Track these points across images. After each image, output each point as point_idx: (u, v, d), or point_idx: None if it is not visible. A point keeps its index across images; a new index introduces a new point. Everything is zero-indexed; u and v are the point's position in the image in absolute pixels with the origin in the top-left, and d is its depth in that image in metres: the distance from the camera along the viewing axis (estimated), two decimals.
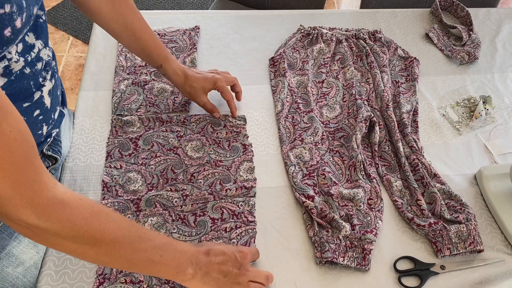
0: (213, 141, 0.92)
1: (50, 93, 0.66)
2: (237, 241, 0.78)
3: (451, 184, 0.89)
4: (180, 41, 1.11)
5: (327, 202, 0.84)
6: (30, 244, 0.80)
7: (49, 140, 0.73)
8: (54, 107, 0.69)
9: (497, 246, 0.82)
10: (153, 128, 0.93)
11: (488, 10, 1.31)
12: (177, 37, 1.12)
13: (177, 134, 0.92)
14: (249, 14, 1.23)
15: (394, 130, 0.94)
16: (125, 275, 0.73)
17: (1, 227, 0.73)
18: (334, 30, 1.16)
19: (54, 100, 0.68)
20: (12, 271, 0.79)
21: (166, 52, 0.89)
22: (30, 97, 0.61)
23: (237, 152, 0.91)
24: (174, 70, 0.90)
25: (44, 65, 0.64)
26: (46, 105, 0.65)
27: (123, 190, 0.83)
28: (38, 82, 0.63)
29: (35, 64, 0.61)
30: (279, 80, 1.04)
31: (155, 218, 0.80)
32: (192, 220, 0.80)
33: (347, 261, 0.76)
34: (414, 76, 1.07)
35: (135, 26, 0.84)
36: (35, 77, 0.62)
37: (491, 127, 1.01)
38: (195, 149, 0.90)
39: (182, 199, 0.82)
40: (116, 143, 0.90)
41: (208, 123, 0.94)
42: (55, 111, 0.71)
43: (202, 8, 2.61)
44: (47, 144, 0.74)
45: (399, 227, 0.83)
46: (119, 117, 0.93)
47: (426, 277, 0.76)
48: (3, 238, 0.74)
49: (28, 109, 0.61)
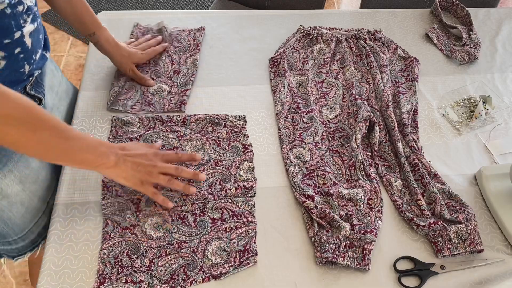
0: (213, 141, 0.92)
1: (32, 35, 0.73)
2: (237, 242, 0.78)
3: (451, 184, 0.89)
4: (184, 41, 1.11)
5: (327, 202, 0.84)
6: (16, 180, 0.79)
7: (32, 79, 0.78)
8: (35, 48, 0.75)
9: (497, 246, 0.82)
10: (153, 128, 0.93)
11: (488, 10, 1.31)
12: (181, 37, 1.12)
13: (177, 134, 0.92)
14: (249, 14, 1.23)
15: (394, 130, 0.94)
16: (125, 275, 0.74)
17: None
18: (334, 30, 1.16)
19: (35, 42, 0.74)
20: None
21: (99, 21, 0.95)
22: (11, 35, 0.68)
23: (237, 152, 0.91)
24: (106, 38, 0.96)
25: (26, 8, 0.71)
26: (27, 45, 0.72)
27: (123, 190, 0.83)
28: (19, 23, 0.70)
29: (16, 7, 0.68)
30: (279, 80, 1.04)
31: (155, 218, 0.80)
32: (192, 220, 0.80)
33: (347, 261, 0.76)
34: (414, 76, 1.07)
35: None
36: (16, 18, 0.69)
37: (491, 127, 1.01)
38: (195, 149, 0.90)
39: (182, 199, 0.82)
40: (116, 143, 0.90)
41: (208, 123, 0.94)
42: (37, 53, 0.77)
43: (202, 8, 2.61)
44: (29, 83, 0.79)
45: (399, 227, 0.83)
46: (119, 117, 0.93)
47: (426, 277, 0.76)
48: None
49: (9, 45, 0.68)
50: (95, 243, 0.77)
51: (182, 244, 0.78)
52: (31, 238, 0.88)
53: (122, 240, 0.77)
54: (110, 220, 0.79)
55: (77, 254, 0.76)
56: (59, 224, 0.79)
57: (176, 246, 0.78)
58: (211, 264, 0.76)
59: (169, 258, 0.76)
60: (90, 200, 0.83)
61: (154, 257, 0.76)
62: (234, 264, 0.76)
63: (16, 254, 0.89)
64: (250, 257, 0.77)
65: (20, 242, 0.87)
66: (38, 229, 0.88)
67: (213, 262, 0.76)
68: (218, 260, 0.76)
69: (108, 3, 1.74)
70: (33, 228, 0.87)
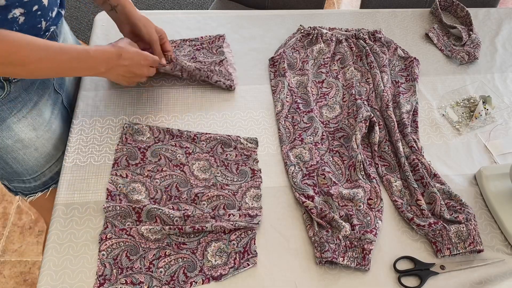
0: (221, 163, 0.90)
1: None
2: (237, 243, 0.78)
3: (451, 184, 0.89)
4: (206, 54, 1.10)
5: (327, 202, 0.84)
6: (29, 126, 0.87)
7: (47, 34, 0.84)
8: (51, 6, 0.81)
9: (497, 246, 0.82)
10: (162, 141, 0.92)
11: (488, 10, 1.31)
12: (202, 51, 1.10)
13: (185, 150, 0.91)
14: (249, 14, 1.23)
15: (394, 130, 0.94)
16: (125, 276, 0.74)
17: (2, 99, 0.81)
18: (334, 30, 1.16)
19: (51, 0, 0.80)
20: (12, 144, 0.86)
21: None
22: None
23: (245, 177, 0.88)
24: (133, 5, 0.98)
25: None
26: (44, 3, 0.77)
27: (127, 200, 0.83)
28: None
29: None
30: (279, 80, 1.04)
31: (154, 225, 0.79)
32: (190, 231, 0.79)
33: (347, 261, 0.76)
34: (414, 76, 1.07)
35: None
36: None
37: (491, 127, 1.01)
38: (202, 170, 0.88)
39: (183, 219, 0.79)
40: (124, 150, 0.89)
41: (218, 143, 0.92)
42: (53, 10, 0.82)
43: (202, 8, 2.61)
44: (45, 38, 0.84)
45: (399, 227, 0.83)
46: (131, 125, 0.93)
47: (426, 277, 0.76)
48: (3, 110, 0.82)
49: (28, 3, 0.74)
50: (95, 243, 0.77)
51: (181, 245, 0.78)
52: (43, 180, 0.97)
53: (120, 241, 0.77)
54: (110, 223, 0.79)
55: (77, 254, 0.76)
56: (59, 224, 0.79)
57: (175, 248, 0.78)
58: (211, 265, 0.76)
59: (168, 259, 0.76)
60: (90, 200, 0.83)
61: (154, 258, 0.76)
62: (234, 266, 0.76)
63: (28, 193, 0.98)
64: (250, 258, 0.77)
65: (33, 182, 0.96)
66: (51, 173, 0.97)
67: (213, 264, 0.76)
68: (218, 262, 0.76)
69: None
70: (46, 171, 0.95)
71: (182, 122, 0.96)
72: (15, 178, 0.94)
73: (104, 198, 0.83)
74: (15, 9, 0.72)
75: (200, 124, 0.96)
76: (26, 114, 0.85)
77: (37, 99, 0.87)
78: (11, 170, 0.91)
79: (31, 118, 0.86)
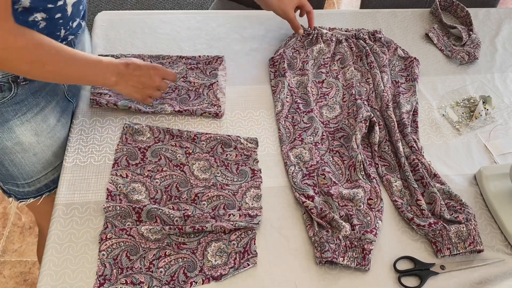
0: (222, 163, 0.89)
1: (74, 5, 0.81)
2: (237, 243, 0.78)
3: (451, 184, 0.89)
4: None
5: (327, 202, 0.84)
6: (31, 131, 0.86)
7: (64, 42, 0.85)
8: (74, 17, 0.83)
9: (497, 246, 0.82)
10: (162, 141, 0.91)
11: (488, 10, 1.31)
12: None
13: (185, 150, 0.90)
14: (249, 14, 1.23)
15: (394, 130, 0.94)
16: (125, 276, 0.74)
17: (8, 101, 0.81)
18: (334, 30, 1.16)
19: (75, 11, 0.82)
20: (11, 146, 0.86)
21: None
22: (54, 2, 0.75)
23: (245, 177, 0.88)
24: None
25: None
26: (67, 12, 0.79)
27: (127, 200, 0.83)
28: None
29: None
30: (279, 80, 1.04)
31: (154, 225, 0.79)
32: (190, 231, 0.79)
33: (347, 261, 0.76)
34: (414, 76, 1.07)
35: None
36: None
37: (491, 127, 1.01)
38: (202, 170, 0.88)
39: (183, 219, 0.79)
40: (124, 150, 0.89)
41: (218, 143, 0.92)
42: (74, 21, 0.84)
43: (202, 8, 2.61)
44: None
45: (399, 227, 0.83)
46: (131, 125, 0.92)
47: (426, 277, 0.76)
48: (7, 111, 0.82)
49: (52, 10, 0.75)
50: (95, 243, 0.77)
51: (181, 245, 0.78)
52: (37, 187, 0.95)
53: (120, 241, 0.77)
54: (110, 223, 0.79)
55: (77, 254, 0.76)
56: (59, 224, 0.79)
57: (175, 248, 0.78)
58: (211, 265, 0.76)
59: (168, 259, 0.76)
60: (90, 200, 0.83)
61: (154, 258, 0.76)
62: (234, 266, 0.76)
63: (21, 197, 0.97)
64: (250, 258, 0.77)
65: (27, 187, 0.94)
66: (46, 181, 0.95)
67: (213, 264, 0.76)
68: (218, 262, 0.76)
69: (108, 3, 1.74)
70: (41, 178, 0.94)
71: (182, 122, 0.96)
72: (9, 181, 0.93)
73: (104, 198, 0.83)
74: (37, 13, 0.73)
75: (200, 124, 0.96)
76: (30, 118, 0.85)
77: (44, 104, 0.87)
78: (6, 172, 0.90)
79: (34, 122, 0.86)
